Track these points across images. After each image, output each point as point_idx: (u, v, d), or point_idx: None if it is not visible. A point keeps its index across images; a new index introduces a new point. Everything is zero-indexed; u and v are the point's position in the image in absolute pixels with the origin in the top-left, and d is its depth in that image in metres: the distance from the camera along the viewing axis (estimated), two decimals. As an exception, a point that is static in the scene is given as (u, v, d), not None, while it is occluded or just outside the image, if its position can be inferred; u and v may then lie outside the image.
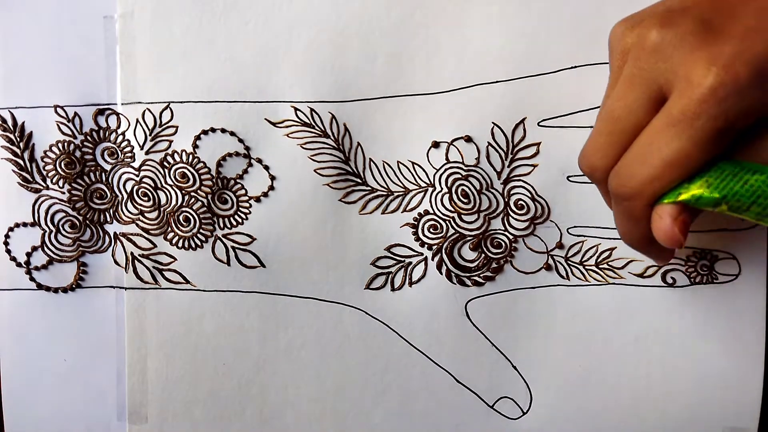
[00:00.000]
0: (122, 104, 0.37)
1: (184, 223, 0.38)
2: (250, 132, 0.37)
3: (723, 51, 0.24)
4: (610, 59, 0.29)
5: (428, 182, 0.38)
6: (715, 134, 0.25)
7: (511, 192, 0.37)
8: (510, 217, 0.38)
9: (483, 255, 0.38)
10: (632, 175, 0.27)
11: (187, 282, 0.38)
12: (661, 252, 0.31)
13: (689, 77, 0.25)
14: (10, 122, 0.37)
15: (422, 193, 0.38)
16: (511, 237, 0.38)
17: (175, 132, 0.37)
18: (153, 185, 0.38)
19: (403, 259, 0.38)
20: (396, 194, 0.38)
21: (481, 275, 0.38)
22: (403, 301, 0.38)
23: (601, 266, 0.38)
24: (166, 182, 0.38)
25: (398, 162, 0.38)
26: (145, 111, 0.37)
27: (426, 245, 0.38)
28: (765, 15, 0.25)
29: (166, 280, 0.38)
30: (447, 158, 0.37)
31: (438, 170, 0.38)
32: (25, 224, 0.38)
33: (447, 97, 0.37)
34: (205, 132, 0.37)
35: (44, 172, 0.38)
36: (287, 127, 0.37)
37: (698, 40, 0.25)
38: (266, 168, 0.38)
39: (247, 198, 0.38)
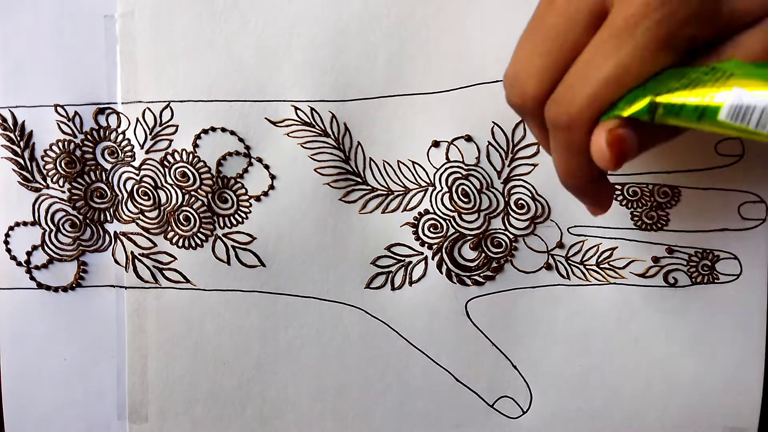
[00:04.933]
0: (122, 103, 0.37)
1: (185, 223, 0.38)
2: (250, 131, 0.37)
3: None
4: None
5: (428, 181, 0.38)
6: (658, 43, 0.23)
7: (512, 191, 0.37)
8: (510, 217, 0.38)
9: (483, 254, 0.38)
10: (572, 98, 0.24)
11: (188, 281, 0.38)
12: (600, 196, 0.29)
13: None
14: (10, 121, 0.37)
15: (422, 193, 0.38)
16: (511, 236, 0.38)
17: (176, 131, 0.37)
18: (153, 184, 0.38)
19: (403, 258, 0.38)
20: (396, 193, 0.38)
21: (482, 275, 0.38)
22: (403, 301, 0.38)
23: (601, 266, 0.38)
24: (166, 181, 0.38)
25: (398, 161, 0.38)
26: (145, 110, 0.37)
27: (426, 244, 0.38)
28: None
29: (167, 280, 0.38)
30: (447, 157, 0.37)
31: (438, 169, 0.38)
32: (25, 223, 0.38)
33: (447, 97, 0.37)
34: (205, 131, 0.37)
35: (44, 171, 0.38)
36: (287, 126, 0.37)
37: None
38: (266, 167, 0.38)
39: (247, 197, 0.38)
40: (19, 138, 0.37)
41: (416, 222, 0.38)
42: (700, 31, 0.23)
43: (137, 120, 0.37)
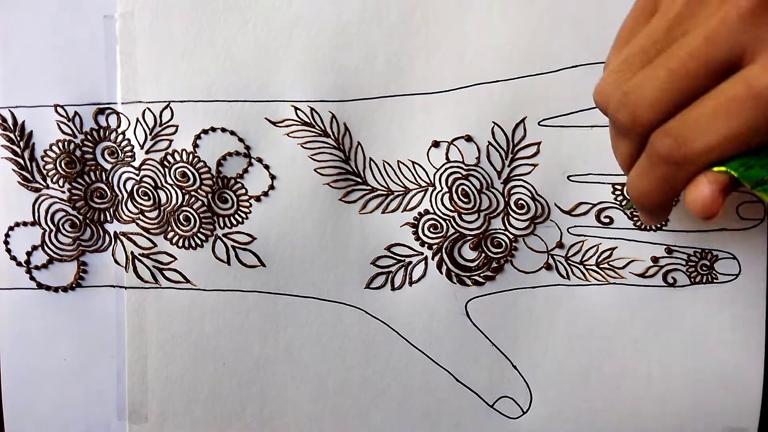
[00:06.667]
0: (122, 103, 0.37)
1: (185, 223, 0.38)
2: (250, 131, 0.37)
3: None
4: None
5: (428, 182, 0.38)
6: None
7: (512, 191, 0.37)
8: (510, 217, 0.38)
9: (483, 254, 0.38)
10: (691, 139, 0.25)
11: (188, 281, 0.38)
12: (662, 214, 0.29)
13: None
14: (10, 121, 0.37)
15: (422, 193, 0.38)
16: (511, 236, 0.38)
17: (175, 131, 0.37)
18: (153, 184, 0.38)
19: (403, 258, 0.38)
20: (396, 194, 0.38)
21: (482, 275, 0.38)
22: (403, 301, 0.38)
23: (601, 266, 0.38)
24: (166, 181, 0.38)
25: (398, 161, 0.38)
26: (145, 110, 0.37)
27: (426, 245, 0.38)
28: None
29: (167, 280, 0.38)
30: (447, 158, 0.37)
31: (438, 170, 0.38)
32: (25, 223, 0.38)
33: (447, 97, 0.37)
34: (205, 131, 0.37)
35: (44, 172, 0.38)
36: (287, 126, 0.37)
37: None
38: (266, 167, 0.38)
39: (247, 197, 0.38)
40: (19, 138, 0.37)
41: (416, 222, 0.38)
42: None
43: (137, 120, 0.37)
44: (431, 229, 0.38)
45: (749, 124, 0.24)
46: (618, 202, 0.38)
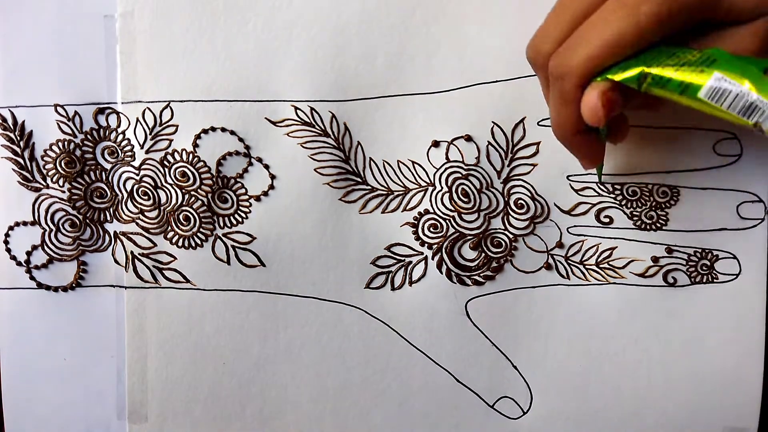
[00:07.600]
0: (122, 103, 0.37)
1: (184, 222, 0.38)
2: (250, 131, 0.37)
3: None
4: None
5: (428, 181, 0.38)
6: (656, 20, 0.26)
7: (511, 191, 0.38)
8: (510, 217, 0.38)
9: (483, 254, 0.38)
10: (571, 54, 0.28)
11: (187, 281, 0.38)
12: (589, 149, 0.32)
13: None
14: (10, 121, 0.37)
15: (422, 193, 0.38)
16: (511, 236, 0.38)
17: (175, 131, 0.37)
18: (153, 184, 0.38)
19: (403, 258, 0.38)
20: (396, 193, 0.38)
21: (482, 274, 0.38)
22: (403, 301, 0.38)
23: (601, 266, 0.38)
24: (166, 181, 0.38)
25: (398, 161, 0.38)
26: (145, 110, 0.37)
27: (426, 244, 0.38)
28: None
29: (166, 279, 0.38)
30: (447, 157, 0.37)
31: (438, 169, 0.38)
32: (25, 223, 0.38)
33: (447, 97, 0.37)
34: (205, 131, 0.37)
35: (44, 171, 0.38)
36: (287, 126, 0.37)
37: None
38: (266, 167, 0.38)
39: (247, 197, 0.38)
40: (19, 138, 0.37)
41: (416, 222, 0.38)
42: (696, 17, 0.26)
43: (137, 120, 0.37)
44: (431, 229, 0.38)
45: (619, 31, 0.26)
46: (618, 202, 0.38)
